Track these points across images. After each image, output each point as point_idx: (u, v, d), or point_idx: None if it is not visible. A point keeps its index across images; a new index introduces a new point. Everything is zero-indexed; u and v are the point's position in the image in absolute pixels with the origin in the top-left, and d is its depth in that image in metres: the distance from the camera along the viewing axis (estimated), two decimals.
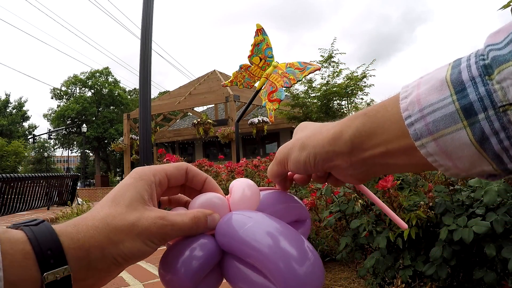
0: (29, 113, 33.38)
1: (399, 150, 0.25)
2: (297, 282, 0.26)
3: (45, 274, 0.23)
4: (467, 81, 0.21)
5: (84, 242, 0.25)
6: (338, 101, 7.45)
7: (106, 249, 0.26)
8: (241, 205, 0.33)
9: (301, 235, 0.31)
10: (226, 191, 0.36)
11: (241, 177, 1.74)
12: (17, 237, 0.24)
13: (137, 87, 14.16)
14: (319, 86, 7.41)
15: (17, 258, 0.23)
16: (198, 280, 0.29)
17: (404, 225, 0.32)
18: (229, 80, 4.43)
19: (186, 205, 0.35)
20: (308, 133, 0.32)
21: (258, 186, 0.36)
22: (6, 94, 32.34)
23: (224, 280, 0.32)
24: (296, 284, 0.26)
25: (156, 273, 1.34)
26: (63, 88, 29.96)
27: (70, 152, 33.18)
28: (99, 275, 0.27)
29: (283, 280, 0.26)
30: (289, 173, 0.38)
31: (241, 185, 0.34)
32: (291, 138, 0.35)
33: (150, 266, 1.43)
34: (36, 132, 32.85)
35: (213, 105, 12.66)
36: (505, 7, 1.11)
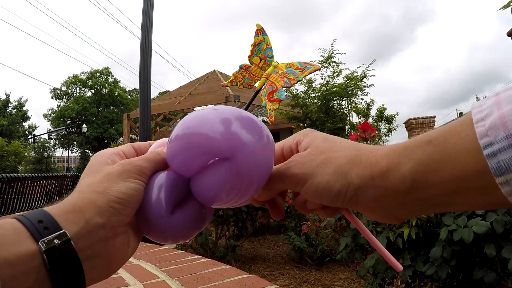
0: (29, 113, 33.36)
1: (475, 189, 0.20)
2: (239, 141, 0.27)
3: (41, 241, 0.22)
4: None
5: (74, 204, 0.26)
6: (338, 101, 7.45)
7: (97, 201, 0.26)
8: None
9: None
10: None
11: None
12: (4, 221, 0.23)
13: (137, 87, 14.15)
14: (319, 86, 7.41)
15: (8, 235, 0.22)
16: (168, 208, 0.29)
17: (399, 266, 0.28)
18: (229, 80, 4.39)
19: None
20: (347, 154, 0.26)
21: None
22: (6, 94, 32.32)
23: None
24: (249, 152, 0.27)
25: (156, 273, 1.34)
26: (63, 88, 30.03)
27: (70, 152, 33.19)
28: (106, 236, 0.26)
29: (230, 150, 0.27)
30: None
31: None
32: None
33: (150, 266, 1.43)
34: (36, 132, 32.86)
35: (213, 105, 12.66)
36: (505, 7, 1.11)
